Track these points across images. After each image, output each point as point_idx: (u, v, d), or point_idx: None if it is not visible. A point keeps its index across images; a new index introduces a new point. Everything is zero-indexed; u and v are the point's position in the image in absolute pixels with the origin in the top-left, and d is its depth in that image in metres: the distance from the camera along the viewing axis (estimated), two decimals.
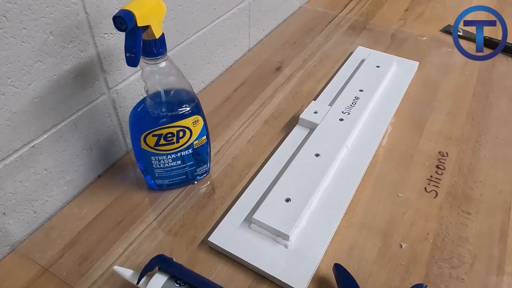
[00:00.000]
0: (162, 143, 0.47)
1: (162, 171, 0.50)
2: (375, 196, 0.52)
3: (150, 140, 0.46)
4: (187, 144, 0.48)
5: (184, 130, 0.47)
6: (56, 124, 0.46)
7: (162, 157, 0.48)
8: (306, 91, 0.71)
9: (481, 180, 0.54)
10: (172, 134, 0.47)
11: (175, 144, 0.48)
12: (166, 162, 0.49)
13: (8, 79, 0.39)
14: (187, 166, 0.51)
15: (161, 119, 0.46)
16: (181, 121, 0.46)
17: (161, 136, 0.46)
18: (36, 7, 0.39)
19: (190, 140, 0.48)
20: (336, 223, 0.48)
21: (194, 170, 0.52)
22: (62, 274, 0.44)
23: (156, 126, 0.46)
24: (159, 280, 0.40)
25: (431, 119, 0.64)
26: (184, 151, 0.49)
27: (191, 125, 0.47)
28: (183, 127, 0.47)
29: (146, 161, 0.49)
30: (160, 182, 0.52)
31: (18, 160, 0.43)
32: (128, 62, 0.39)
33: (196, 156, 0.51)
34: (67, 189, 0.51)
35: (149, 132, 0.46)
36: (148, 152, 0.48)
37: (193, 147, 0.49)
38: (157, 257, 0.41)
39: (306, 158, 0.54)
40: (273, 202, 0.48)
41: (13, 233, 0.46)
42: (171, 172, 0.50)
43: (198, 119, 0.47)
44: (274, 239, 0.46)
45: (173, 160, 0.49)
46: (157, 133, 0.46)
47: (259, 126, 0.64)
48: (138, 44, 0.39)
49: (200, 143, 0.50)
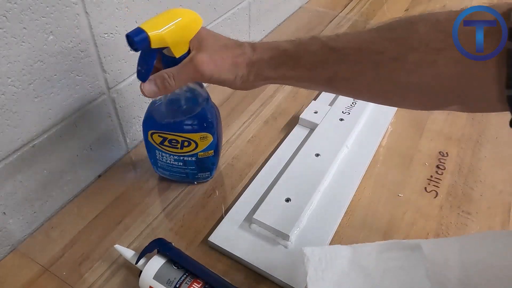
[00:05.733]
0: (167, 144, 0.47)
1: (164, 164, 0.50)
2: (375, 196, 0.52)
3: (156, 138, 0.47)
4: (191, 153, 0.48)
5: (190, 142, 0.46)
6: (56, 124, 0.46)
7: (165, 155, 0.48)
8: (306, 91, 0.71)
9: (481, 180, 0.54)
10: (177, 141, 0.46)
11: (178, 150, 0.47)
12: (168, 160, 0.49)
13: (8, 79, 0.39)
14: (188, 169, 0.50)
15: (169, 126, 0.45)
16: (187, 134, 0.46)
17: (166, 139, 0.46)
18: (36, 6, 0.39)
19: (195, 151, 0.48)
20: (336, 223, 0.48)
21: (196, 173, 0.52)
22: (62, 274, 0.44)
23: (162, 130, 0.46)
24: (157, 262, 0.40)
25: (431, 119, 0.64)
26: (187, 157, 0.48)
27: (198, 140, 0.46)
28: (189, 139, 0.46)
29: (151, 151, 0.49)
30: (161, 171, 0.52)
31: (18, 160, 0.43)
32: (138, 75, 0.38)
33: (199, 164, 0.50)
34: (67, 189, 0.51)
35: (156, 131, 0.46)
36: (154, 146, 0.48)
37: (198, 156, 0.48)
38: (157, 240, 0.42)
39: (306, 158, 0.54)
40: (273, 202, 0.48)
41: (13, 233, 0.46)
42: (172, 168, 0.50)
43: (206, 136, 0.46)
44: (274, 239, 0.46)
45: (175, 161, 0.49)
46: (162, 135, 0.46)
47: (259, 126, 0.64)
48: (150, 64, 0.37)
49: (206, 155, 0.49)
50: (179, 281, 0.39)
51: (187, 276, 0.39)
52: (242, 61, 0.38)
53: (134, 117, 0.58)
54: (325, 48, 0.35)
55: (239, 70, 0.38)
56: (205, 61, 0.37)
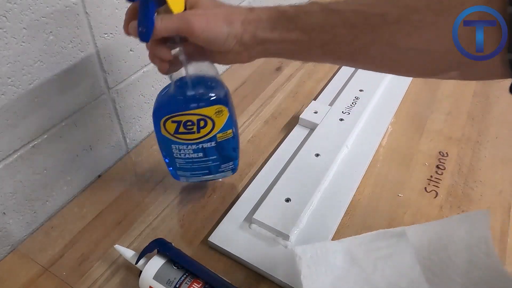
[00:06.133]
0: (182, 131, 0.44)
1: (183, 162, 0.47)
2: (375, 196, 0.52)
3: (170, 126, 0.44)
4: (209, 136, 0.44)
5: (205, 120, 0.43)
6: (56, 124, 0.46)
7: (183, 147, 0.45)
8: (306, 91, 0.71)
9: (481, 180, 0.54)
10: (192, 122, 0.43)
11: (195, 134, 0.44)
12: (187, 153, 0.46)
13: (8, 79, 0.39)
14: (210, 160, 0.47)
15: (181, 105, 0.43)
16: (202, 109, 0.42)
17: (181, 123, 0.43)
18: (36, 7, 0.39)
19: (213, 132, 0.44)
20: (336, 223, 0.48)
21: (218, 166, 0.48)
22: (62, 274, 0.44)
23: (175, 112, 0.43)
24: (157, 262, 0.40)
25: (431, 119, 0.64)
26: (205, 143, 0.45)
27: (213, 115, 0.43)
28: (204, 116, 0.43)
29: (167, 149, 0.46)
30: (182, 173, 0.49)
31: (18, 160, 0.43)
32: (139, 36, 0.36)
33: (220, 150, 0.46)
34: (67, 189, 0.51)
35: (168, 117, 0.43)
36: (169, 139, 0.45)
37: (216, 140, 0.45)
38: (157, 240, 0.42)
39: (306, 158, 0.54)
40: (273, 202, 0.48)
41: (13, 233, 0.46)
42: (192, 164, 0.47)
43: (221, 110, 0.43)
44: (274, 239, 0.46)
45: (194, 152, 0.46)
46: (176, 119, 0.43)
47: (259, 126, 0.64)
48: (149, 18, 0.35)
49: (225, 136, 0.45)
50: (179, 281, 0.39)
51: (187, 276, 0.39)
52: (237, 18, 0.36)
53: (134, 117, 0.58)
54: (324, 10, 0.34)
55: (233, 28, 0.36)
56: (197, 15, 0.36)
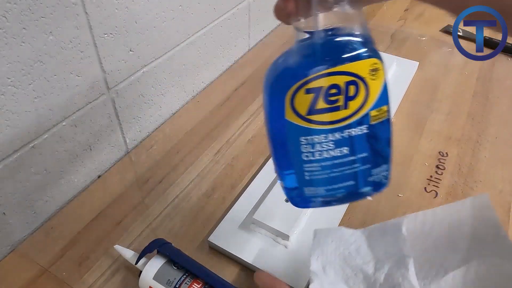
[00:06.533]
0: (321, 107, 0.29)
1: (317, 167, 0.31)
2: (375, 196, 0.52)
3: (302, 101, 0.29)
4: (360, 113, 0.30)
5: (357, 83, 0.29)
6: (56, 124, 0.46)
7: (319, 137, 0.30)
8: None
9: (481, 180, 0.54)
10: (338, 88, 0.28)
11: (341, 111, 0.29)
12: (324, 148, 0.30)
13: (8, 79, 0.39)
14: (357, 160, 0.31)
15: (319, 64, 0.28)
16: (352, 63, 0.28)
17: (320, 92, 0.28)
18: (36, 7, 0.39)
19: (367, 105, 0.30)
20: (336, 223, 0.48)
21: (369, 171, 0.32)
22: (62, 274, 0.44)
23: (312, 73, 0.28)
24: (157, 262, 0.40)
25: (431, 119, 0.64)
26: (354, 127, 0.30)
27: (367, 75, 0.29)
28: (355, 75, 0.28)
29: (292, 150, 0.31)
30: (312, 191, 0.32)
31: (18, 160, 0.43)
32: None
33: (373, 142, 0.31)
34: (67, 189, 0.51)
35: (302, 84, 0.28)
36: (297, 129, 0.30)
37: (369, 122, 0.30)
38: (157, 240, 0.42)
39: None
40: (273, 202, 0.48)
41: (13, 233, 0.46)
42: (332, 168, 0.31)
43: (377, 67, 0.29)
44: (274, 239, 0.46)
45: (335, 145, 0.30)
46: (313, 85, 0.28)
47: (259, 126, 0.64)
48: None
49: (380, 117, 0.30)
50: (179, 281, 0.39)
51: (187, 276, 0.39)
52: None
53: (134, 117, 0.58)
54: None
55: None
56: None
